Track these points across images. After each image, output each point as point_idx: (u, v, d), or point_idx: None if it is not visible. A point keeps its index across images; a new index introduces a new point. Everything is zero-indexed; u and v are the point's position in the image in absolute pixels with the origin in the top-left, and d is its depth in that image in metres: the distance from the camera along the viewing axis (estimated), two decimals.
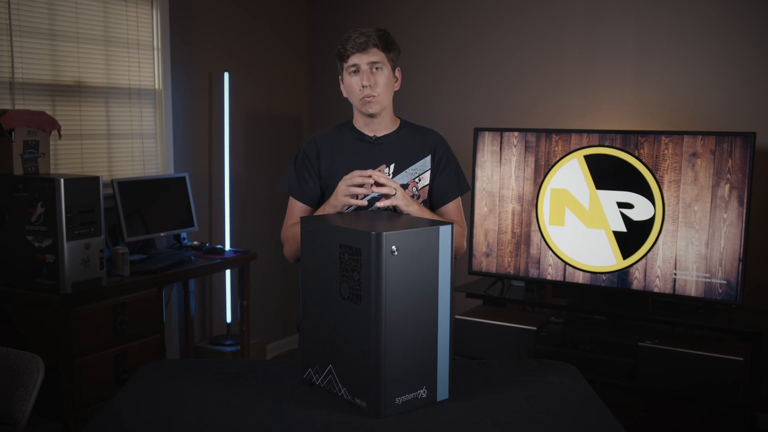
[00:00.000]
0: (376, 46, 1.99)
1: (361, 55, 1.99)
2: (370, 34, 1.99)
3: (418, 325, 1.57)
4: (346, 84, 2.05)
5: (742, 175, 3.02)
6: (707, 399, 2.97)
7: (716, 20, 3.50)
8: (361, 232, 1.51)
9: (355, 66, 2.00)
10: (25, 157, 2.90)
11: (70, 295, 2.80)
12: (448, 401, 1.64)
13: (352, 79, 2.02)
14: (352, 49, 1.99)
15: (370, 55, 1.99)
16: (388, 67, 2.03)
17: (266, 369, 1.88)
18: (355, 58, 1.99)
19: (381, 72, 2.02)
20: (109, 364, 2.99)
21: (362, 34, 1.99)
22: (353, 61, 2.00)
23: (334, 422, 1.53)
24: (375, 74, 2.01)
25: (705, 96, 3.54)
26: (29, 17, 3.17)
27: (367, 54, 1.99)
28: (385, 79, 2.02)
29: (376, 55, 2.00)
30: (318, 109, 4.77)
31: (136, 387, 1.75)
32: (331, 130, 2.14)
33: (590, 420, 1.61)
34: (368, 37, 1.99)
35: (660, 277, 3.21)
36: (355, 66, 2.00)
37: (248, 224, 4.38)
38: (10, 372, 2.08)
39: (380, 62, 2.01)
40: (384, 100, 2.04)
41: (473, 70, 4.18)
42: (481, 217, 3.58)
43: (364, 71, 2.00)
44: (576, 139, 3.36)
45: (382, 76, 2.02)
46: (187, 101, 3.97)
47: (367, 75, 1.99)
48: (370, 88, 2.00)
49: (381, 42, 2.00)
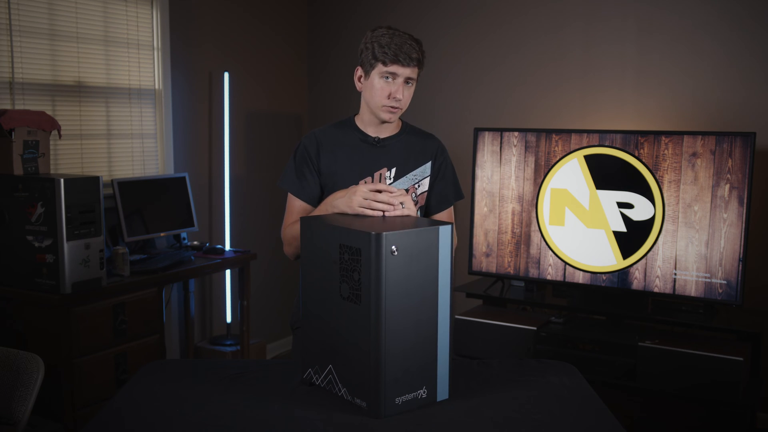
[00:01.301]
0: (417, 64, 1.97)
1: (402, 68, 1.95)
2: (415, 48, 1.95)
3: (418, 325, 1.57)
4: (373, 84, 1.99)
5: (742, 175, 3.02)
6: (707, 399, 2.97)
7: (716, 20, 3.50)
8: (361, 232, 1.51)
9: (393, 74, 1.96)
10: (25, 157, 2.90)
11: (70, 295, 2.80)
12: (448, 401, 1.64)
13: (383, 84, 1.97)
14: (397, 59, 1.94)
15: (409, 71, 1.96)
16: (415, 83, 2.03)
17: (266, 369, 1.88)
18: (395, 68, 1.95)
19: (411, 87, 2.01)
20: (109, 364, 2.99)
21: (412, 47, 1.95)
22: (393, 69, 1.95)
23: (334, 422, 1.53)
24: (406, 88, 1.99)
25: (705, 96, 3.54)
26: (29, 17, 3.17)
27: (408, 68, 1.96)
28: (411, 93, 2.02)
29: (414, 72, 1.98)
30: (318, 109, 4.77)
31: (136, 387, 1.75)
32: (333, 126, 2.12)
33: (590, 420, 1.61)
34: (413, 51, 1.95)
35: (660, 277, 3.21)
36: (393, 74, 1.96)
37: (248, 224, 4.38)
38: (10, 372, 2.08)
39: (414, 79, 2.00)
40: (402, 112, 2.04)
41: (473, 70, 4.19)
42: (481, 217, 3.58)
43: (400, 83, 1.97)
44: (576, 139, 3.36)
45: (410, 91, 2.01)
46: (187, 101, 3.97)
47: (401, 88, 1.97)
48: (399, 101, 1.98)
49: (422, 59, 1.99)
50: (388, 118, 2.02)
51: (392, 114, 2.01)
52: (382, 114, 2.01)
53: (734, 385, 2.90)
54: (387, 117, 2.01)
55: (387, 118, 2.02)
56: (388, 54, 1.93)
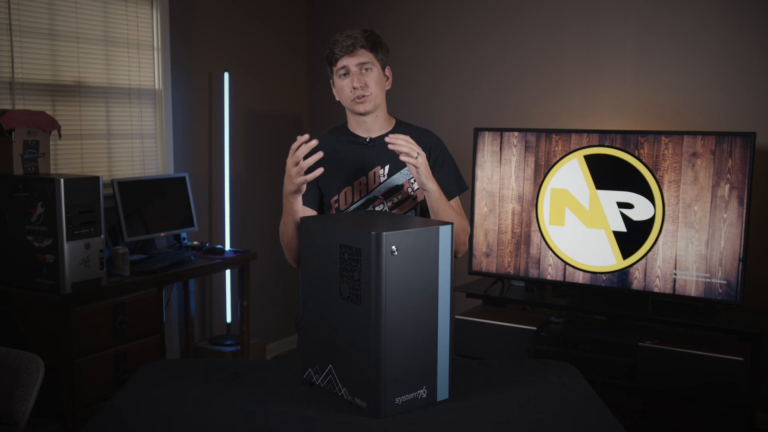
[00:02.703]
0: (363, 47, 2.00)
1: (349, 58, 1.99)
2: (356, 36, 2.00)
3: (418, 325, 1.57)
4: (337, 87, 2.05)
5: (742, 175, 3.02)
6: (707, 399, 2.97)
7: (716, 20, 3.50)
8: (361, 232, 1.51)
9: (345, 68, 2.01)
10: (25, 157, 2.90)
11: (70, 295, 2.80)
12: (448, 401, 1.64)
13: (343, 82, 2.02)
14: (340, 52, 1.99)
15: (358, 57, 2.00)
16: (378, 67, 2.04)
17: (266, 369, 1.88)
18: (343, 61, 2.00)
19: (371, 72, 2.02)
20: (109, 364, 2.99)
21: (348, 36, 2.00)
22: (342, 63, 2.00)
23: (334, 422, 1.53)
24: (365, 75, 2.01)
25: (705, 96, 3.54)
26: (29, 17, 3.17)
27: (355, 56, 1.99)
28: (375, 78, 2.03)
29: (365, 56, 2.00)
30: (318, 109, 4.77)
31: (136, 387, 1.75)
32: (327, 133, 2.15)
33: (590, 420, 1.61)
34: (355, 38, 1.99)
35: (660, 277, 3.21)
36: (345, 68, 2.01)
37: (248, 224, 4.38)
38: (10, 372, 2.08)
39: (369, 62, 2.01)
40: (376, 98, 2.04)
41: (473, 70, 4.19)
42: (481, 217, 3.58)
43: (354, 73, 2.00)
44: (576, 139, 3.36)
45: (371, 77, 2.02)
46: (187, 101, 3.97)
47: (357, 76, 2.00)
48: (361, 89, 2.00)
49: (368, 42, 2.01)
50: (362, 110, 2.04)
51: (363, 104, 2.03)
52: (356, 107, 2.04)
53: (734, 385, 2.90)
54: (360, 109, 2.04)
55: (361, 110, 2.04)
56: (333, 52, 2.00)
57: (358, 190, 2.07)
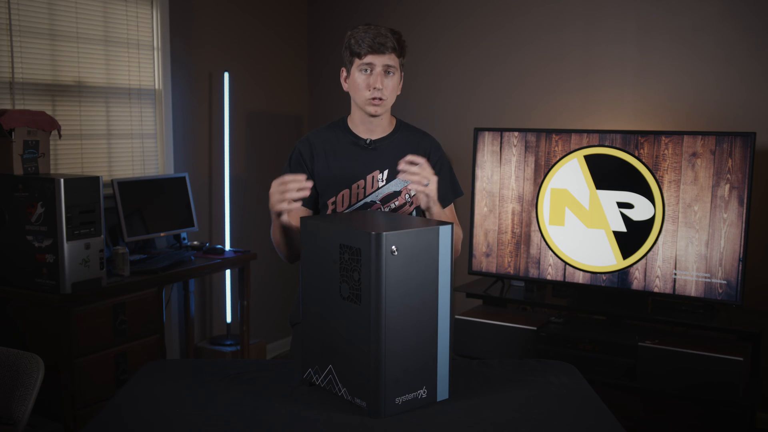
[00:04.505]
0: (393, 51, 1.97)
1: (378, 57, 1.96)
2: (389, 36, 1.96)
3: (418, 325, 1.57)
4: (354, 80, 2.01)
5: (742, 175, 3.02)
6: (707, 399, 2.97)
7: (716, 20, 3.50)
8: (361, 232, 1.51)
9: (370, 66, 1.97)
10: (25, 157, 2.90)
11: (70, 295, 2.80)
12: (448, 401, 1.64)
13: (363, 77, 1.98)
14: (371, 49, 1.95)
15: (386, 58, 1.96)
16: (399, 73, 2.02)
17: (266, 369, 1.88)
18: (371, 58, 1.96)
19: (393, 77, 2.00)
20: (109, 364, 2.99)
21: (382, 35, 1.95)
22: (369, 60, 1.96)
23: (334, 422, 1.53)
24: (387, 78, 1.98)
25: (705, 96, 3.54)
26: (29, 17, 3.17)
27: (384, 56, 1.96)
28: (394, 84, 2.01)
29: (392, 59, 1.97)
30: (318, 109, 4.77)
31: (136, 387, 1.75)
32: (326, 129, 2.12)
33: (590, 420, 1.61)
34: (386, 38, 1.95)
35: (660, 277, 3.21)
36: (370, 66, 1.97)
37: (248, 224, 4.38)
38: (10, 372, 2.08)
39: (394, 67, 1.98)
40: (389, 104, 2.03)
41: (473, 70, 4.19)
42: (481, 217, 3.58)
43: (378, 73, 1.97)
44: (576, 139, 3.36)
45: (392, 81, 2.00)
46: (187, 101, 3.97)
47: (381, 78, 1.97)
48: (380, 92, 1.98)
49: (398, 47, 1.98)
50: (374, 112, 2.01)
51: (377, 107, 2.00)
52: (368, 108, 2.01)
53: (734, 385, 2.90)
54: (372, 111, 2.01)
55: (373, 112, 2.01)
56: (362, 46, 1.95)
57: (355, 194, 2.07)
